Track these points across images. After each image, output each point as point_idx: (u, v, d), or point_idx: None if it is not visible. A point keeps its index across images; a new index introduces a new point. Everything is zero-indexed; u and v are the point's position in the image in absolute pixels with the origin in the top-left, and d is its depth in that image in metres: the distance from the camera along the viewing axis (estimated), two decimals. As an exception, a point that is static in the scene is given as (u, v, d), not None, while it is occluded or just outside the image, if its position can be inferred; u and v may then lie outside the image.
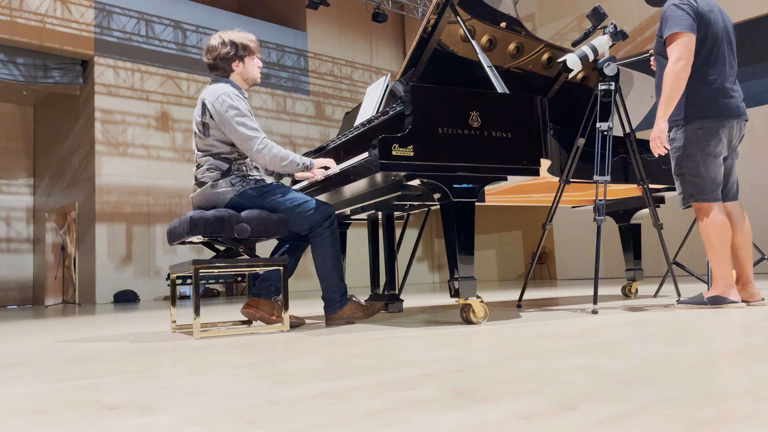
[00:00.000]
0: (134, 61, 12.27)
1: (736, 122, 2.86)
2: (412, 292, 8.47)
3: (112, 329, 3.47)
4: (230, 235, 2.65)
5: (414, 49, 3.44)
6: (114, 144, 11.87)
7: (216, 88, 2.78)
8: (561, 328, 2.18)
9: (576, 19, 13.08)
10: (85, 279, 11.86)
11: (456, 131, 2.61)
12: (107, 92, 11.88)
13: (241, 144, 2.71)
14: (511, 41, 3.80)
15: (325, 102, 15.03)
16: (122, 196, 11.90)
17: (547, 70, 4.08)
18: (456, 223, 2.59)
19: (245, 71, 2.91)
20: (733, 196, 2.97)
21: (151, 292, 12.02)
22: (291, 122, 14.35)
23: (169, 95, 12.63)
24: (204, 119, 2.77)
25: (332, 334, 2.37)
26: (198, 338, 2.50)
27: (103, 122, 11.79)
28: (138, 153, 12.14)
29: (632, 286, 4.35)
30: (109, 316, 5.44)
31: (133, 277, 11.84)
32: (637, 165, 3.33)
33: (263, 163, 2.73)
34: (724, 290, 2.79)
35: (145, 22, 12.47)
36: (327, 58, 15.23)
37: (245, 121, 2.71)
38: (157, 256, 12.17)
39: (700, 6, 2.83)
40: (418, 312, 3.54)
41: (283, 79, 14.38)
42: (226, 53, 2.84)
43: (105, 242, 11.63)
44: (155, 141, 12.36)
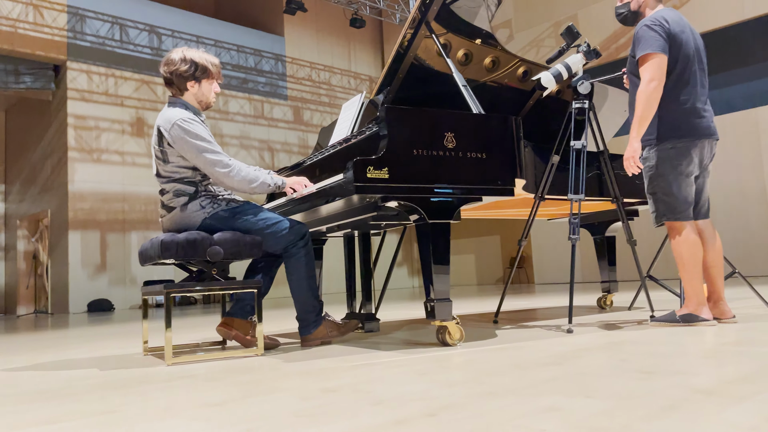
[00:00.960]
0: (108, 65, 12.10)
1: (707, 142, 2.90)
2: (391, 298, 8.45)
3: (82, 349, 3.40)
4: (202, 258, 2.61)
5: (390, 63, 3.43)
6: (87, 150, 11.68)
7: (171, 115, 2.71)
8: (536, 353, 2.18)
9: (552, 25, 13.20)
10: (57, 288, 11.65)
11: (431, 152, 2.61)
12: (80, 97, 11.70)
13: (205, 169, 2.66)
14: (487, 55, 3.80)
15: (303, 107, 14.97)
16: (96, 203, 11.72)
17: (522, 83, 4.09)
18: (432, 244, 2.58)
19: (200, 93, 2.83)
20: (705, 214, 3.00)
21: (126, 300, 11.85)
22: (269, 127, 14.27)
23: (145, 101, 12.48)
24: (162, 147, 2.71)
25: (307, 360, 2.35)
26: (170, 364, 2.45)
27: (76, 128, 11.61)
28: (112, 159, 11.97)
29: (607, 299, 4.38)
30: (82, 330, 5.34)
31: (108, 286, 11.66)
32: (611, 181, 3.35)
33: (231, 186, 2.69)
34: (696, 308, 2.82)
35: (119, 26, 12.31)
36: (305, 62, 15.18)
37: (206, 146, 2.65)
38: (132, 264, 12.01)
39: (672, 27, 2.86)
40: (395, 329, 3.53)
41: (260, 84, 14.29)
42: (184, 71, 2.76)
43: (78, 250, 11.44)
44: (130, 147, 12.20)
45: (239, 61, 13.95)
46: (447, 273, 2.60)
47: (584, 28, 12.66)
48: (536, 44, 13.49)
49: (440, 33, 3.49)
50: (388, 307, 3.80)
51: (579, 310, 4.36)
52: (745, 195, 10.56)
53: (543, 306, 5.07)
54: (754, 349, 1.99)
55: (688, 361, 1.83)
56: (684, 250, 2.83)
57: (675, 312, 2.89)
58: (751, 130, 10.52)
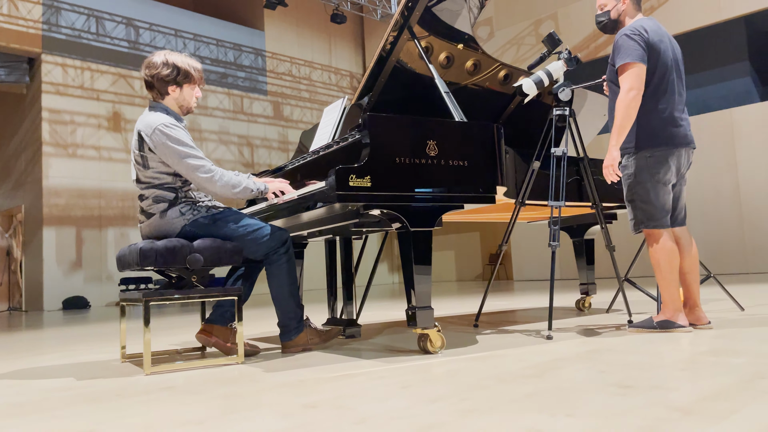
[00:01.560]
0: (84, 59, 11.91)
1: (684, 150, 2.93)
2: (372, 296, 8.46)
3: (59, 354, 3.35)
4: (182, 266, 2.58)
5: (373, 67, 3.41)
6: (63, 145, 11.50)
7: (151, 119, 2.68)
8: (517, 363, 2.20)
9: (533, 24, 13.27)
10: (32, 285, 11.47)
11: (413, 161, 2.61)
12: (55, 91, 11.51)
13: (188, 175, 2.64)
14: (469, 58, 3.81)
15: (284, 102, 14.89)
16: (72, 199, 11.55)
17: (503, 86, 4.10)
18: (414, 251, 2.58)
19: (181, 98, 2.80)
20: (681, 221, 3.05)
21: (103, 297, 11.71)
22: (248, 123, 14.17)
23: (122, 95, 12.31)
24: (142, 152, 2.68)
25: (287, 370, 2.34)
26: (148, 373, 2.43)
27: (51, 122, 11.42)
28: (88, 154, 11.79)
29: (586, 301, 4.43)
30: (56, 331, 5.26)
31: (84, 283, 11.51)
32: (590, 187, 3.38)
33: (214, 192, 2.67)
34: (672, 315, 2.87)
35: (96, 18, 12.11)
36: (285, 57, 15.08)
37: (188, 151, 2.63)
38: (108, 260, 11.86)
39: (651, 36, 2.89)
40: (376, 332, 3.53)
41: (240, 79, 14.17)
42: (165, 75, 2.73)
43: (53, 246, 11.27)
44: (107, 142, 12.03)
45: (218, 56, 13.82)
46: (429, 281, 2.60)
47: (564, 27, 12.76)
48: (517, 42, 13.55)
49: (422, 36, 3.48)
50: (369, 305, 3.80)
51: (558, 312, 4.41)
52: (719, 195, 10.74)
53: (523, 307, 5.11)
54: (729, 360, 2.03)
55: (666, 374, 1.85)
56: (661, 257, 2.87)
57: (652, 318, 2.94)
58: (725, 131, 10.69)
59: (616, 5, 3.07)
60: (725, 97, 11.32)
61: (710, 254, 10.87)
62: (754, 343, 2.36)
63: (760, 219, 10.39)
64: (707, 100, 11.52)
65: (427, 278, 2.60)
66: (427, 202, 2.62)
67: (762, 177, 10.34)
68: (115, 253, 11.95)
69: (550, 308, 2.94)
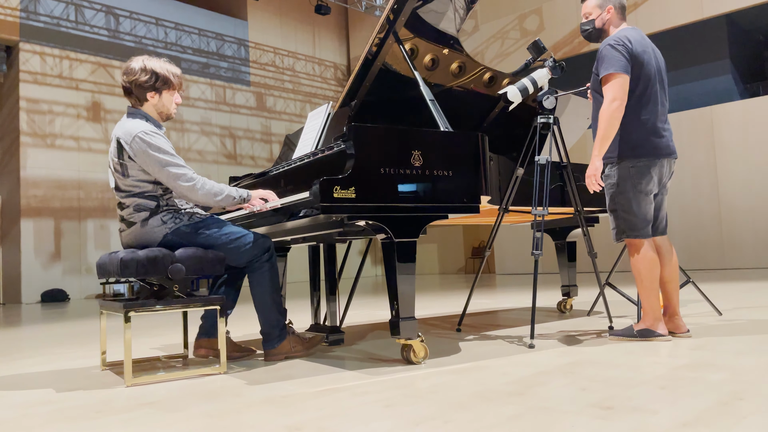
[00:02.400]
0: (63, 47, 11.70)
1: (667, 161, 2.96)
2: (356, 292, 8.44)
3: (36, 359, 3.30)
4: (164, 276, 2.56)
5: (358, 70, 3.38)
6: (41, 135, 11.31)
7: (131, 127, 2.64)
8: (499, 378, 2.21)
9: (517, 18, 13.27)
10: (10, 277, 11.31)
11: (398, 171, 2.60)
12: (33, 80, 11.30)
13: (169, 183, 2.61)
14: (454, 60, 3.80)
15: (267, 93, 14.77)
16: (50, 190, 11.38)
17: (488, 88, 4.10)
18: (398, 262, 2.58)
19: (160, 104, 2.76)
20: (663, 230, 3.08)
21: (82, 290, 11.59)
22: (231, 113, 14.04)
23: (101, 84, 12.12)
24: (122, 160, 2.64)
25: (270, 383, 2.33)
26: (129, 385, 2.41)
27: (29, 112, 11.22)
28: (67, 145, 11.62)
29: (567, 303, 4.47)
30: (35, 329, 5.19)
31: (62, 275, 11.38)
32: (573, 194, 3.40)
33: (195, 200, 2.64)
34: (652, 323, 2.90)
35: (75, 6, 11.89)
36: (268, 48, 14.94)
37: (169, 159, 2.60)
38: (88, 252, 11.73)
39: (635, 47, 2.90)
40: (360, 336, 3.53)
41: (222, 69, 14.02)
42: (144, 81, 2.69)
43: (31, 238, 11.12)
44: (86, 132, 11.85)
45: (201, 45, 13.65)
46: (412, 291, 2.61)
47: (548, 22, 12.78)
48: (501, 36, 13.55)
49: (407, 38, 3.46)
50: (353, 301, 3.77)
51: (540, 313, 4.44)
52: (698, 192, 10.88)
53: (505, 307, 5.14)
54: (708, 377, 2.06)
55: (646, 393, 1.88)
56: (642, 267, 2.90)
57: (632, 326, 2.97)
58: (705, 128, 10.81)
59: (600, 14, 3.08)
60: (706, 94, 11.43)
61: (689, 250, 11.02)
62: (731, 357, 2.39)
63: (738, 216, 10.54)
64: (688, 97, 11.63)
65: (411, 288, 2.60)
66: (411, 212, 2.62)
67: (740, 175, 10.48)
68: (95, 245, 11.82)
69: (533, 317, 2.96)
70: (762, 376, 2.02)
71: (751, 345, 2.64)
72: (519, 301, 5.78)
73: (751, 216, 10.36)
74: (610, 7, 3.06)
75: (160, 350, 3.48)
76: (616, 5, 3.07)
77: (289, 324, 3.35)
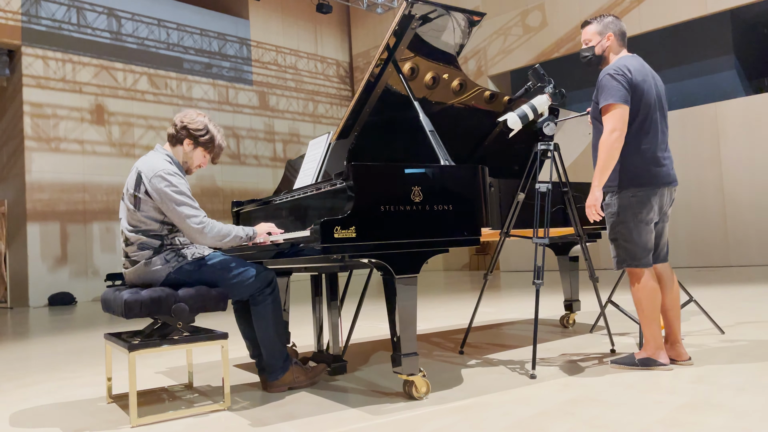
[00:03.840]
0: (65, 51, 11.72)
1: (667, 189, 2.96)
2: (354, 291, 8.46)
3: (42, 386, 3.34)
4: (167, 315, 2.58)
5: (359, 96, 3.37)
6: (45, 139, 11.36)
7: (155, 164, 2.69)
8: (500, 422, 2.24)
9: (519, 14, 13.19)
10: (17, 281, 11.40)
11: (398, 208, 2.61)
12: (36, 84, 11.34)
13: (180, 224, 2.64)
14: (455, 78, 3.80)
15: (269, 92, 14.76)
16: (55, 194, 11.45)
17: (490, 104, 4.10)
18: (399, 298, 2.60)
19: (190, 154, 2.86)
20: (664, 257, 3.09)
21: (88, 292, 11.68)
22: (234, 113, 14.05)
23: (104, 87, 12.15)
24: (137, 193, 2.68)
25: (273, 425, 2.36)
26: (133, 426, 2.44)
27: (33, 116, 11.26)
28: (71, 148, 11.67)
29: (570, 317, 4.49)
30: (42, 344, 5.24)
31: (69, 278, 11.46)
32: (574, 219, 3.41)
33: (204, 243, 2.67)
34: (653, 352, 2.92)
35: (77, 9, 11.89)
36: (270, 46, 14.92)
37: (185, 200, 2.64)
38: (94, 255, 11.81)
39: (635, 77, 2.89)
40: (362, 360, 3.57)
41: (225, 69, 14.02)
42: (194, 128, 2.81)
43: (37, 242, 11.19)
44: (90, 135, 11.89)
45: (203, 45, 13.64)
46: (414, 326, 2.63)
47: (551, 18, 12.71)
48: (503, 32, 13.50)
49: (408, 57, 3.45)
50: (353, 305, 3.79)
51: (542, 328, 4.46)
52: (702, 188, 10.85)
53: (509, 318, 5.15)
54: (707, 422, 2.07)
55: (645, 443, 1.90)
56: (643, 296, 2.91)
57: (634, 355, 2.99)
58: (710, 126, 10.76)
59: (600, 41, 3.07)
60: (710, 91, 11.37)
61: (693, 247, 11.01)
62: (731, 394, 2.41)
63: (743, 213, 10.52)
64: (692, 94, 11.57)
65: (412, 324, 2.62)
66: (412, 248, 2.63)
67: (745, 172, 10.44)
68: (101, 248, 11.88)
69: (534, 347, 2.98)
70: (761, 420, 2.04)
71: (751, 377, 2.65)
72: (522, 309, 5.80)
73: (756, 213, 10.33)
74: (610, 34, 3.05)
75: (165, 374, 3.51)
76: (616, 32, 3.06)
77: (292, 347, 3.38)
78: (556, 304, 5.94)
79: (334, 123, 15.84)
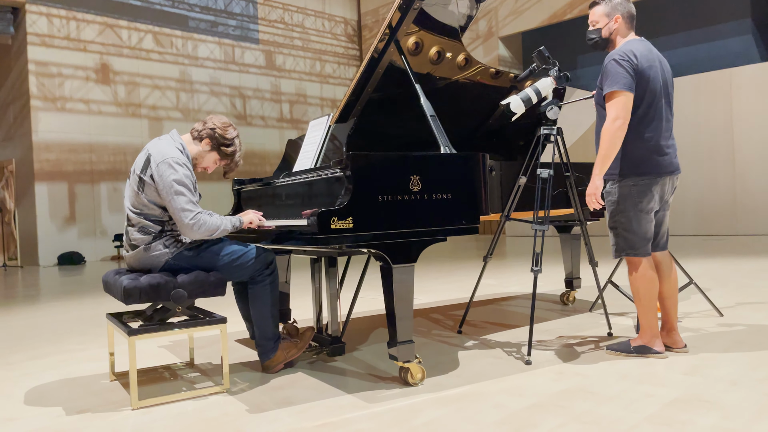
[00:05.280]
0: (69, 8, 11.55)
1: (669, 178, 2.93)
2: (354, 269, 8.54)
3: (47, 361, 3.42)
4: (166, 301, 2.62)
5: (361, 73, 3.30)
6: (51, 98, 11.31)
7: (165, 150, 2.70)
8: (493, 414, 2.27)
9: (532, -27, 12.84)
10: (26, 240, 11.53)
11: (396, 197, 2.60)
12: (41, 42, 11.22)
13: (174, 215, 2.64)
14: (460, 53, 3.73)
15: (276, 51, 14.56)
16: (62, 154, 11.47)
17: (496, 80, 4.03)
18: (395, 287, 2.61)
19: (204, 154, 2.88)
20: (663, 246, 3.07)
21: (97, 252, 11.81)
22: (240, 73, 13.91)
23: (109, 45, 12.01)
24: (143, 176, 2.69)
25: (270, 411, 2.41)
26: (134, 408, 2.50)
27: (38, 75, 11.20)
28: (77, 108, 11.62)
29: (570, 295, 4.51)
30: (50, 310, 5.33)
31: (78, 238, 11.58)
32: (575, 204, 3.39)
33: (192, 237, 2.68)
34: (649, 340, 2.94)
35: (80, -35, 11.67)
36: (277, 4, 14.64)
37: (184, 192, 2.64)
38: (102, 215, 11.90)
39: (641, 62, 2.82)
40: (361, 339, 3.61)
41: (231, 27, 13.81)
42: (221, 135, 2.86)
43: (46, 202, 11.27)
44: (96, 95, 11.83)
45: (208, 3, 13.42)
46: (410, 314, 2.65)
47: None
48: None
49: (412, 31, 3.38)
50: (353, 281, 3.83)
51: (541, 304, 4.49)
52: (713, 155, 10.72)
53: (510, 292, 5.18)
54: (696, 420, 2.10)
55: (632, 444, 1.93)
56: (640, 285, 2.92)
57: (630, 342, 3.01)
58: (723, 92, 10.56)
59: (608, 23, 2.99)
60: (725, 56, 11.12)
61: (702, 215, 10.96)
62: (724, 388, 2.43)
63: (752, 181, 10.41)
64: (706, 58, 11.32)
65: (409, 312, 2.64)
66: (409, 237, 2.63)
67: (757, 140, 10.30)
68: (109, 208, 11.95)
69: (530, 333, 3.00)
70: (752, 422, 2.06)
71: (745, 369, 2.67)
72: (524, 282, 5.83)
73: (766, 182, 10.22)
74: (618, 16, 2.97)
75: (167, 349, 3.58)
76: (624, 14, 2.97)
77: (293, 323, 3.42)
78: (558, 277, 5.96)
79: (341, 83, 15.66)
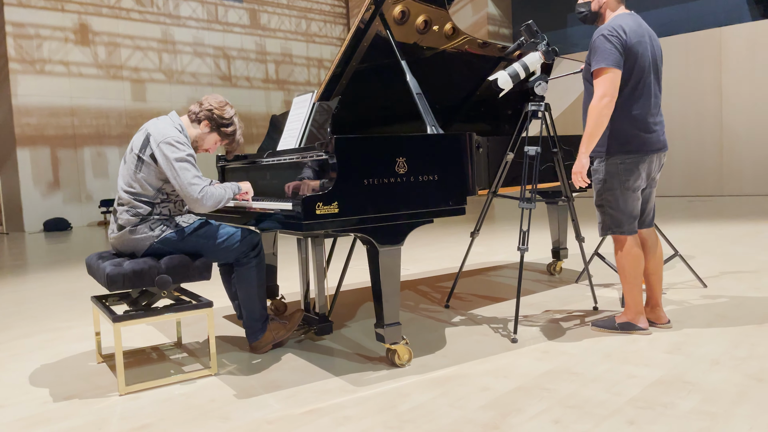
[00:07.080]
0: (44, -35, 11.15)
1: (656, 156, 2.91)
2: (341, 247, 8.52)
3: (33, 341, 3.41)
4: (151, 286, 2.60)
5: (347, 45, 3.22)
6: (29, 61, 11.03)
7: (164, 130, 2.67)
8: (477, 400, 2.30)
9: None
10: (11, 206, 11.40)
11: (382, 180, 2.57)
12: (17, 3, 10.86)
13: (181, 191, 2.62)
14: (447, 22, 3.65)
15: (260, 9, 14.21)
16: (43, 118, 11.25)
17: (483, 49, 3.96)
18: (382, 269, 2.61)
19: (203, 136, 2.86)
20: (649, 223, 3.08)
21: (83, 217, 11.72)
22: (224, 32, 13.59)
23: (87, 5, 11.66)
24: (142, 154, 2.67)
25: (258, 396, 2.42)
26: (122, 394, 2.51)
27: (16, 36, 10.88)
28: (57, 70, 11.35)
29: (557, 265, 4.54)
30: (35, 280, 5.31)
31: (63, 204, 11.46)
32: (563, 182, 3.37)
33: (202, 211, 2.66)
34: (634, 317, 2.97)
35: None
36: (260, -40, 14.21)
37: (189, 168, 2.63)
38: (87, 180, 11.76)
39: (629, 38, 2.77)
40: (349, 316, 3.63)
41: (212, -15, 13.41)
42: (219, 116, 2.82)
43: (28, 167, 11.11)
44: (75, 57, 11.54)
45: None
46: (397, 296, 2.65)
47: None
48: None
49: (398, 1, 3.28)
50: (340, 259, 3.82)
51: (528, 274, 4.52)
52: (701, 117, 10.70)
53: (498, 261, 5.21)
54: (678, 404, 2.13)
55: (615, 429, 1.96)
56: (626, 262, 2.93)
57: (614, 318, 3.04)
58: (713, 50, 10.47)
59: (598, -3, 2.92)
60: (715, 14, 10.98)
61: (688, 176, 10.99)
62: (705, 369, 2.46)
63: (739, 143, 10.44)
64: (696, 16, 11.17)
65: (396, 294, 2.64)
66: (395, 220, 2.61)
67: (745, 101, 10.27)
68: (93, 173, 11.79)
69: (516, 311, 3.02)
70: (732, 405, 2.10)
71: (726, 346, 2.71)
72: (512, 249, 5.85)
73: (752, 144, 10.25)
74: (608, -11, 2.89)
75: (155, 327, 3.58)
76: (614, -12, 2.90)
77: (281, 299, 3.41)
78: (545, 245, 5.99)
79: (328, 42, 15.36)
